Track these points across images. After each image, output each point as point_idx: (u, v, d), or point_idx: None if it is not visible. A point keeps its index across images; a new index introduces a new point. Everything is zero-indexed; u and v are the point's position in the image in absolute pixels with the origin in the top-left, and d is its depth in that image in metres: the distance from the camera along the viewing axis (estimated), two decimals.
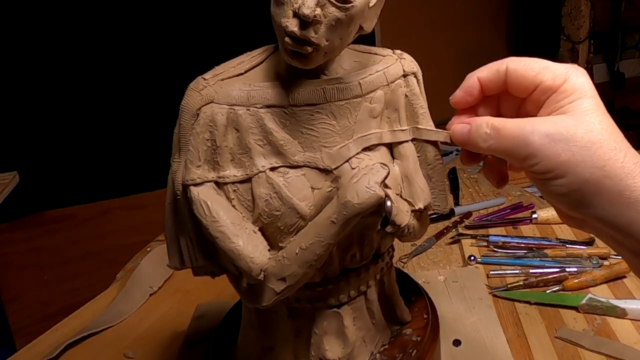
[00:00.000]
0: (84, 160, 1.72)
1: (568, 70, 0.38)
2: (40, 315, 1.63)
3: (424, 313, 0.54)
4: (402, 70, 0.44)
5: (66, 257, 1.71)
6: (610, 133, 0.36)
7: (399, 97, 0.44)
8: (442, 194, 0.47)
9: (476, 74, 0.41)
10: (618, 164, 0.35)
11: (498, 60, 0.41)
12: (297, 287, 0.42)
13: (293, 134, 0.41)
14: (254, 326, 0.49)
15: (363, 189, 0.38)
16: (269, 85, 0.41)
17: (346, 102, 0.41)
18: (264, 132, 0.41)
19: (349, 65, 0.43)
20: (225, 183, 0.41)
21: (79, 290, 1.64)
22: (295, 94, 0.41)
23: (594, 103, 0.37)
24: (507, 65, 0.40)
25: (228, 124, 0.41)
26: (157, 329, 0.71)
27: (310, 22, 0.36)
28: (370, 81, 0.42)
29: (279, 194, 0.41)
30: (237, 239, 0.40)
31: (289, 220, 0.41)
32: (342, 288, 0.46)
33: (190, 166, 0.41)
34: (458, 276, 0.74)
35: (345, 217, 0.39)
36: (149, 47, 1.72)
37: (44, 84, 1.64)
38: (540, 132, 0.36)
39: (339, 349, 0.46)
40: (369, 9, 0.39)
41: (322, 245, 0.40)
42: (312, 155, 0.41)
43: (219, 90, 0.41)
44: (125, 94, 1.73)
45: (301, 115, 0.41)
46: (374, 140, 0.43)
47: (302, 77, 0.41)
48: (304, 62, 0.38)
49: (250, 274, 0.40)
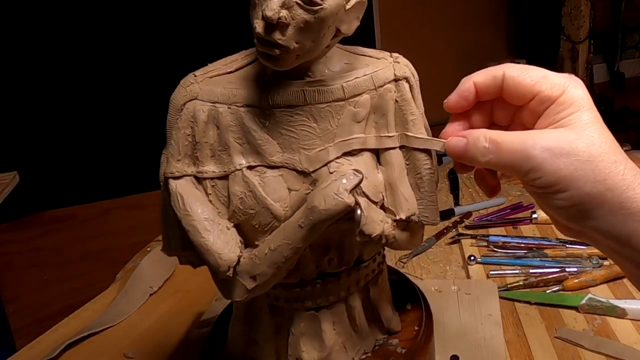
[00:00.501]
0: (84, 160, 1.72)
1: (566, 81, 0.37)
2: (40, 315, 1.63)
3: (415, 324, 0.52)
4: (393, 74, 0.43)
5: (66, 257, 1.71)
6: (609, 146, 0.36)
7: (388, 102, 0.43)
8: (431, 205, 0.45)
9: (472, 78, 0.40)
10: (619, 177, 0.35)
11: (495, 66, 0.40)
12: (268, 285, 0.42)
13: (272, 134, 0.41)
14: (240, 319, 0.49)
15: (331, 196, 0.38)
16: (252, 84, 0.42)
17: (327, 105, 0.41)
18: (243, 131, 0.42)
19: (338, 67, 0.43)
20: (204, 178, 0.42)
21: (79, 290, 1.64)
22: (275, 95, 0.41)
23: (592, 116, 0.36)
24: (504, 71, 0.39)
25: (209, 121, 0.42)
26: (157, 329, 0.71)
27: (276, 24, 0.36)
28: (355, 84, 0.42)
29: (254, 192, 0.41)
30: (207, 234, 0.41)
31: (262, 220, 0.41)
32: (319, 292, 0.46)
33: (171, 159, 0.42)
34: (472, 288, 0.69)
35: (312, 222, 0.39)
36: (149, 48, 1.72)
37: (44, 84, 1.64)
38: (542, 146, 0.35)
39: (315, 352, 0.46)
40: (345, 11, 0.38)
41: (290, 248, 0.40)
42: (290, 156, 0.41)
43: (204, 87, 0.42)
44: (125, 94, 1.73)
45: (281, 116, 0.41)
46: (356, 145, 0.42)
47: (286, 78, 0.41)
48: (275, 63, 0.39)
49: (217, 270, 0.41)
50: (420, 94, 0.45)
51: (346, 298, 0.47)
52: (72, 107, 1.69)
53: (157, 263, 0.82)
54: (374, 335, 0.51)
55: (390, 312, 0.51)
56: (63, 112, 1.69)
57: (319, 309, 0.46)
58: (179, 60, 1.71)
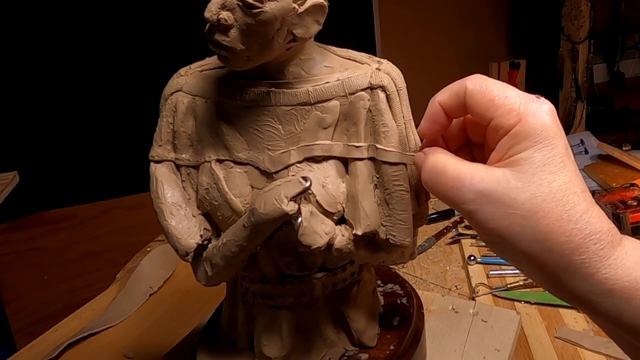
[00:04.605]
0: (84, 160, 1.72)
1: (527, 107, 0.31)
2: (40, 315, 1.62)
3: (392, 344, 0.49)
4: (368, 81, 0.40)
5: (66, 257, 1.71)
6: (561, 197, 0.30)
7: (359, 111, 0.40)
8: (401, 223, 0.41)
9: (436, 99, 0.35)
10: (563, 238, 0.29)
11: (460, 80, 0.34)
12: (224, 275, 0.44)
13: (241, 131, 0.42)
14: (227, 300, 0.51)
15: (271, 200, 0.38)
16: (231, 81, 0.43)
17: (292, 108, 0.41)
18: (215, 125, 0.43)
19: (315, 70, 0.42)
20: (181, 165, 0.44)
21: (79, 290, 1.64)
22: (245, 93, 0.41)
23: (549, 155, 0.30)
24: (466, 86, 0.33)
25: (187, 112, 0.44)
26: (157, 329, 0.71)
27: (217, 25, 0.36)
28: (322, 90, 0.40)
29: (218, 185, 0.42)
30: (171, 218, 0.43)
31: (225, 213, 0.42)
32: (279, 291, 0.46)
33: (155, 144, 0.45)
34: (491, 315, 0.62)
35: (253, 223, 0.39)
36: (149, 48, 1.72)
37: (44, 84, 1.64)
38: (478, 189, 0.31)
39: (276, 349, 0.47)
40: (298, 15, 0.37)
41: (236, 245, 0.41)
42: (255, 155, 0.42)
43: (190, 80, 0.44)
44: (125, 93, 1.73)
45: (249, 114, 0.42)
46: (318, 152, 0.41)
47: (260, 78, 0.42)
48: (227, 63, 0.39)
49: (177, 253, 0.43)
50: (408, 104, 0.42)
51: (310, 302, 0.46)
52: (72, 108, 1.69)
53: (157, 263, 0.82)
54: (343, 345, 0.49)
55: (362, 324, 0.49)
56: (63, 112, 1.68)
57: (281, 307, 0.46)
58: (179, 60, 1.70)
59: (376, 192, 0.41)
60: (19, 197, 1.18)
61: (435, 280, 0.78)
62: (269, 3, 0.35)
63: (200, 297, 0.75)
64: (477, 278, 0.76)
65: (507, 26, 2.44)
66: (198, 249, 0.44)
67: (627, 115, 2.44)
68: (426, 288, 0.76)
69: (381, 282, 0.58)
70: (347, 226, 0.42)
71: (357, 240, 0.42)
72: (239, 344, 0.50)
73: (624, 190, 0.91)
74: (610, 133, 2.30)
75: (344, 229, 0.42)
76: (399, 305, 0.54)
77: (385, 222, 0.41)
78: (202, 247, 0.44)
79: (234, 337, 0.50)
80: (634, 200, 0.89)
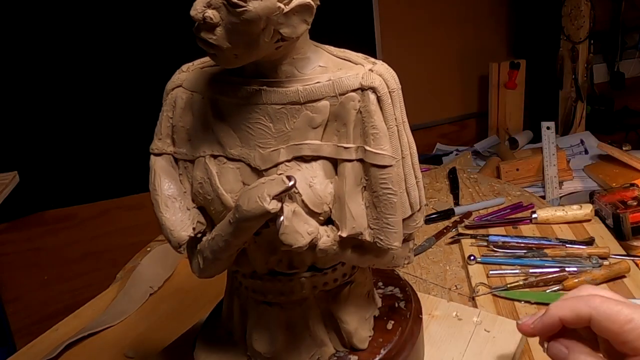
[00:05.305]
0: (84, 160, 1.72)
1: None
2: (40, 315, 1.63)
3: (383, 348, 0.48)
4: (359, 83, 0.40)
5: (66, 257, 1.71)
6: None
7: (349, 112, 0.40)
8: (388, 227, 0.41)
9: (558, 314, 0.39)
10: None
11: (579, 298, 0.38)
12: (214, 268, 0.45)
13: (234, 127, 0.43)
14: (226, 291, 0.51)
15: (254, 198, 0.38)
16: (226, 78, 0.43)
17: (282, 107, 0.41)
18: (209, 121, 0.43)
19: (309, 70, 0.42)
20: (179, 159, 0.45)
21: (79, 290, 1.64)
22: (239, 90, 0.42)
23: None
24: (590, 314, 0.37)
25: (186, 107, 0.44)
26: (157, 329, 0.71)
27: (203, 23, 0.37)
28: (312, 89, 0.40)
29: (211, 180, 0.42)
30: (165, 210, 0.44)
31: (216, 207, 0.43)
32: (269, 288, 0.46)
33: (155, 137, 0.46)
34: (495, 325, 0.60)
35: (237, 219, 0.39)
36: (148, 49, 1.72)
37: (44, 84, 1.64)
38: None
39: (265, 344, 0.47)
40: (283, 14, 0.38)
41: (223, 240, 0.41)
42: (247, 151, 0.42)
43: (190, 76, 0.45)
44: (125, 93, 1.73)
45: (241, 111, 0.42)
46: (307, 151, 0.41)
47: (254, 76, 0.42)
48: (216, 60, 0.40)
49: (170, 244, 0.44)
50: (402, 106, 0.42)
51: (300, 301, 0.46)
52: (72, 108, 1.69)
53: (157, 263, 0.82)
54: (333, 345, 0.48)
55: (353, 326, 0.48)
56: (63, 112, 1.68)
57: (271, 304, 0.46)
58: (179, 61, 1.70)
59: (364, 194, 0.41)
60: (19, 197, 1.18)
61: (435, 280, 0.78)
62: (252, 2, 0.35)
63: (200, 297, 0.75)
64: (477, 278, 0.76)
65: (507, 26, 2.43)
66: (193, 241, 0.45)
67: (627, 115, 2.44)
68: (426, 288, 0.76)
69: (382, 284, 0.58)
70: (333, 227, 0.42)
71: (343, 242, 0.42)
72: (235, 336, 0.50)
73: (624, 190, 0.91)
74: (610, 133, 2.30)
75: (329, 230, 0.42)
76: (396, 309, 0.53)
77: (372, 225, 0.41)
78: (197, 239, 0.45)
79: (230, 329, 0.51)
80: (634, 200, 0.89)
